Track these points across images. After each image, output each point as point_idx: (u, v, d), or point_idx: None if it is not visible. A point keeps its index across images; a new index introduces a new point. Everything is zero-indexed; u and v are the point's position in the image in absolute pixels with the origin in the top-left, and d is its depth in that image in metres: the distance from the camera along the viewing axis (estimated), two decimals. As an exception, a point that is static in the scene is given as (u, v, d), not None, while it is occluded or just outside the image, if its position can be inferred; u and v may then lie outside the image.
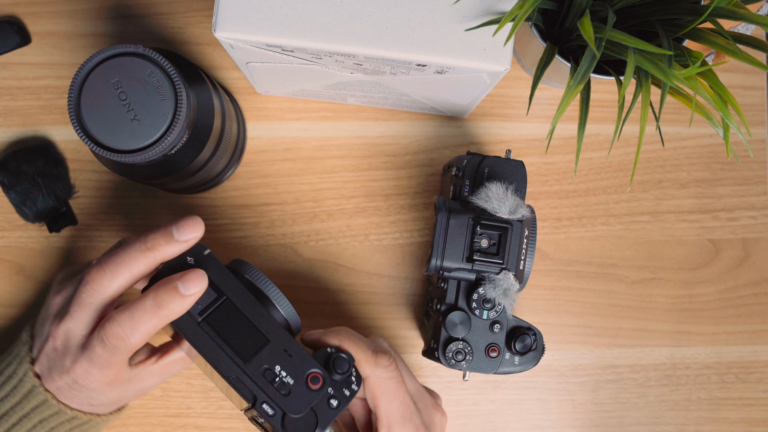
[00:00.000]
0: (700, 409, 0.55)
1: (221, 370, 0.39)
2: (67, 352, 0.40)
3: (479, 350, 0.45)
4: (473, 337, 0.45)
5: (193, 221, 0.39)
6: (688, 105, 0.41)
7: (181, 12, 0.55)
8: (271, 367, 0.39)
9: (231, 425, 0.54)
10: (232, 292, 0.40)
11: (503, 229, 0.44)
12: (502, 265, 0.44)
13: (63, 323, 0.40)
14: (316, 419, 0.39)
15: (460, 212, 0.45)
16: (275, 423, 0.38)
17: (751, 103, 0.57)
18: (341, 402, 0.40)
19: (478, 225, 0.44)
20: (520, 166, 0.47)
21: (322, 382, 0.39)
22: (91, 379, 0.40)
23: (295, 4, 0.38)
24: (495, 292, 0.44)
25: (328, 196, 0.55)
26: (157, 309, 0.38)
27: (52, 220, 0.53)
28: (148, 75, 0.39)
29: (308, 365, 0.39)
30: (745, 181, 0.57)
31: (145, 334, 0.38)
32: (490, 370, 0.45)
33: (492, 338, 0.45)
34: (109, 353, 0.39)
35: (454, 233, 0.44)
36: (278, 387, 0.39)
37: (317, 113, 0.55)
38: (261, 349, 0.39)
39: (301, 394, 0.39)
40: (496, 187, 0.44)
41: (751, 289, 0.56)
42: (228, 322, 0.39)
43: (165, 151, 0.40)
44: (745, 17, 0.37)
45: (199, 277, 0.38)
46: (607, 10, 0.39)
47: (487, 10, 0.39)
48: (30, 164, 0.52)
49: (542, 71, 0.40)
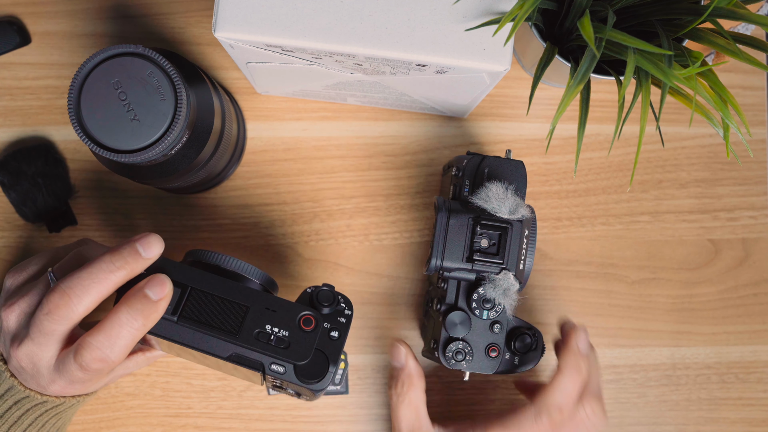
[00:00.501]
0: (700, 409, 0.55)
1: (218, 354, 0.39)
2: (37, 374, 0.39)
3: (479, 350, 0.45)
4: (473, 337, 0.45)
5: (155, 238, 0.39)
6: (688, 105, 0.41)
7: (181, 12, 0.55)
8: (261, 329, 0.39)
9: (231, 425, 0.54)
10: (194, 281, 0.40)
11: (503, 229, 0.44)
12: (502, 265, 0.44)
13: (24, 347, 0.39)
14: (326, 357, 0.39)
15: (460, 212, 0.45)
16: (290, 378, 0.38)
17: (751, 103, 0.57)
18: (341, 331, 0.40)
19: (478, 225, 0.44)
20: (520, 166, 0.47)
21: (315, 321, 0.39)
22: (72, 392, 0.41)
23: (295, 4, 0.38)
24: (495, 292, 0.44)
25: (328, 196, 0.55)
26: (133, 321, 0.37)
27: (52, 220, 0.53)
28: (148, 75, 0.39)
29: (295, 311, 0.39)
30: (745, 181, 0.57)
31: (126, 348, 0.38)
32: (490, 369, 0.45)
33: (492, 338, 0.45)
34: (92, 375, 0.38)
35: (454, 233, 0.44)
36: (276, 344, 0.39)
37: (317, 113, 0.55)
38: (245, 317, 0.39)
39: (300, 341, 0.39)
40: (496, 187, 0.44)
41: (751, 289, 0.56)
42: (203, 309, 0.39)
43: (165, 151, 0.40)
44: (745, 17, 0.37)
45: (162, 280, 0.38)
46: (607, 10, 0.39)
47: (487, 10, 0.39)
48: (30, 164, 0.52)
49: (542, 71, 0.40)
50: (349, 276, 0.55)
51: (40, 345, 0.38)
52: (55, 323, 0.37)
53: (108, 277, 0.37)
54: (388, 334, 0.55)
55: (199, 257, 0.42)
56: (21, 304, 0.40)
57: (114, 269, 0.38)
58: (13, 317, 0.40)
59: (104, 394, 0.53)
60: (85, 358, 0.37)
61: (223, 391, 0.54)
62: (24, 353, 0.39)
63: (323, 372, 0.39)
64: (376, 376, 0.54)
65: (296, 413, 0.54)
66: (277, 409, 0.54)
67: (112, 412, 0.53)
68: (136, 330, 0.37)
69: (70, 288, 0.37)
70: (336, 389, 0.54)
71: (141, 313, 0.37)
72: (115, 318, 0.37)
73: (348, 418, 0.54)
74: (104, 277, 0.37)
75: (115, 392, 0.53)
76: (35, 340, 0.38)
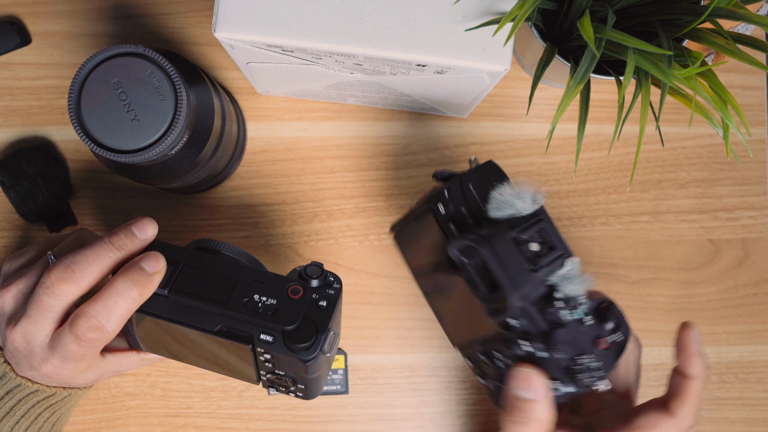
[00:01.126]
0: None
1: (207, 328, 0.39)
2: (31, 353, 0.40)
3: (593, 350, 0.38)
4: (580, 345, 0.38)
5: (149, 220, 0.41)
6: (688, 105, 0.41)
7: (181, 12, 0.55)
8: (250, 298, 0.39)
9: (231, 425, 0.54)
10: (184, 259, 0.41)
11: (539, 221, 0.39)
12: (562, 254, 0.39)
13: (20, 325, 0.39)
14: (314, 324, 0.39)
15: (492, 237, 0.38)
16: (279, 347, 0.38)
17: (751, 103, 0.57)
18: (330, 301, 0.40)
19: (523, 233, 0.38)
20: (491, 165, 0.42)
21: (303, 290, 0.39)
22: (63, 374, 0.40)
23: (295, 4, 0.38)
24: (576, 286, 0.38)
25: (328, 196, 0.55)
26: (130, 291, 0.38)
27: (52, 220, 0.53)
28: (148, 75, 0.39)
29: (283, 282, 0.40)
30: (745, 181, 0.57)
31: (121, 319, 0.38)
32: (612, 365, 0.39)
33: (592, 332, 0.39)
34: (86, 348, 0.38)
35: (507, 260, 0.37)
36: (263, 311, 0.39)
37: (317, 113, 0.55)
38: (234, 289, 0.39)
39: (288, 307, 0.39)
40: (504, 190, 0.39)
41: (751, 289, 0.56)
42: (193, 282, 0.40)
43: (165, 151, 0.40)
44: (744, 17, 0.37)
45: (157, 255, 0.39)
46: (607, 10, 0.39)
47: (487, 10, 0.39)
48: (30, 164, 0.52)
49: (542, 71, 0.40)
50: (349, 276, 0.55)
51: (36, 322, 0.39)
52: (54, 298, 0.38)
53: (108, 255, 0.39)
54: (388, 334, 0.55)
55: (193, 245, 0.43)
56: (19, 284, 0.40)
57: (113, 249, 0.39)
58: (9, 297, 0.40)
59: (104, 394, 0.53)
60: (81, 326, 0.37)
61: (223, 391, 0.54)
62: (19, 332, 0.39)
63: (311, 337, 0.38)
64: (376, 376, 0.54)
65: (296, 413, 0.54)
66: (277, 409, 0.54)
67: (112, 412, 0.53)
68: (132, 300, 0.38)
69: (73, 263, 0.38)
70: (336, 389, 0.54)
71: (137, 284, 0.38)
72: (113, 288, 0.38)
73: (348, 418, 0.54)
74: (105, 255, 0.39)
75: (115, 392, 0.53)
76: (32, 318, 0.39)
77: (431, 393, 0.55)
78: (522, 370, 0.38)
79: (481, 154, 0.55)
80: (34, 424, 0.44)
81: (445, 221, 0.41)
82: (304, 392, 0.44)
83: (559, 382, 0.38)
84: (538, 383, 0.37)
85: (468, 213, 0.40)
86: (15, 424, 0.43)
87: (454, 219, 0.40)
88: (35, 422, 0.44)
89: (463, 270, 0.39)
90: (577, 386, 0.38)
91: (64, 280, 0.38)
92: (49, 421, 0.45)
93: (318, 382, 0.43)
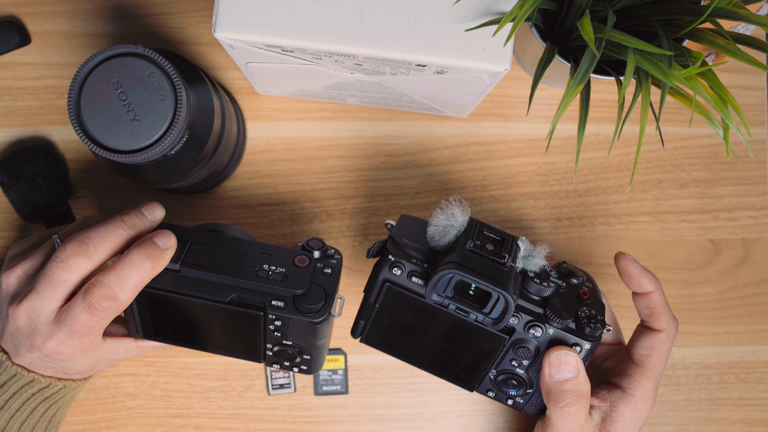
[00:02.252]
0: (700, 409, 0.55)
1: (219, 298, 0.41)
2: (34, 331, 0.40)
3: (583, 303, 0.41)
4: (572, 304, 0.41)
5: (157, 204, 0.43)
6: (688, 105, 0.41)
7: (181, 12, 0.55)
8: (259, 268, 0.41)
9: (231, 425, 0.54)
10: (193, 237, 0.43)
11: (477, 224, 0.41)
12: (512, 238, 0.41)
13: (25, 302, 0.40)
14: (323, 288, 0.41)
15: (456, 259, 0.39)
16: (291, 311, 0.40)
17: (751, 103, 0.57)
18: (333, 269, 0.43)
19: (475, 241, 0.40)
20: (406, 217, 0.44)
21: (309, 259, 0.42)
22: (66, 351, 0.40)
23: (295, 4, 0.38)
24: (538, 259, 0.41)
25: (328, 196, 0.55)
26: (143, 263, 0.39)
27: (52, 220, 0.53)
28: (148, 75, 0.39)
29: (290, 254, 0.42)
30: (745, 181, 0.57)
31: (134, 290, 0.39)
32: (602, 307, 0.42)
33: (571, 290, 0.42)
34: (97, 318, 0.39)
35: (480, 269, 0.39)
36: (273, 278, 0.41)
37: (317, 113, 0.55)
38: (243, 261, 0.42)
39: (296, 275, 0.41)
40: (437, 219, 0.41)
41: (751, 289, 0.56)
42: (204, 257, 0.42)
43: (165, 151, 0.40)
44: (745, 17, 0.37)
45: (168, 232, 0.41)
46: (607, 10, 0.39)
47: (487, 11, 0.39)
48: (30, 164, 0.52)
49: (542, 71, 0.40)
50: (349, 276, 0.55)
51: (45, 297, 0.39)
52: (68, 271, 0.39)
53: (120, 232, 0.41)
54: (388, 334, 0.55)
55: (199, 227, 0.47)
56: (23, 265, 0.42)
57: (125, 226, 0.41)
58: (13, 278, 0.41)
59: (104, 395, 0.53)
60: (95, 294, 0.39)
61: (223, 391, 0.54)
62: (24, 310, 0.40)
63: (320, 300, 0.41)
64: (376, 376, 0.54)
65: (296, 413, 0.54)
66: (277, 409, 0.54)
67: (112, 413, 0.53)
68: (144, 272, 0.39)
69: (87, 238, 0.40)
70: (336, 389, 0.54)
71: (150, 257, 0.40)
72: (127, 259, 0.39)
73: (348, 418, 0.54)
74: (117, 232, 0.40)
75: (115, 392, 0.53)
76: (40, 293, 0.39)
77: (431, 393, 0.55)
78: (551, 357, 0.41)
79: (481, 153, 0.55)
80: (30, 418, 0.44)
81: (406, 281, 0.41)
82: (309, 364, 0.45)
83: (578, 346, 0.41)
84: (568, 359, 0.40)
85: (419, 260, 0.41)
86: (10, 419, 0.43)
87: (411, 274, 0.41)
88: (31, 417, 0.44)
89: (449, 308, 0.40)
90: (592, 339, 0.41)
91: (78, 253, 0.39)
92: (44, 416, 0.45)
93: (323, 350, 0.45)
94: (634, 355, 0.45)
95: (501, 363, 0.43)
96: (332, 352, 0.54)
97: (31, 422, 0.44)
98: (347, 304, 0.54)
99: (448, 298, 0.40)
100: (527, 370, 0.43)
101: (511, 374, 0.43)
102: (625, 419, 0.43)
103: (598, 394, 0.44)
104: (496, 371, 0.43)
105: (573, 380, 0.40)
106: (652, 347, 0.44)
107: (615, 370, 0.46)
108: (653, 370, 0.44)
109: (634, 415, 0.43)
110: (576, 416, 0.41)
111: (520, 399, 0.45)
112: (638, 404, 0.43)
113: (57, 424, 0.47)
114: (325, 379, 0.54)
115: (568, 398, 0.41)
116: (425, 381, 0.55)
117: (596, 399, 0.44)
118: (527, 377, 0.43)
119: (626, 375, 0.44)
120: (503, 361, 0.43)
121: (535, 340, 0.41)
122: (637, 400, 0.43)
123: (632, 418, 0.43)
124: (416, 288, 0.41)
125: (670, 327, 0.44)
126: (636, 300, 0.45)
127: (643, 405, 0.43)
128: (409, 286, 0.41)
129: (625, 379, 0.44)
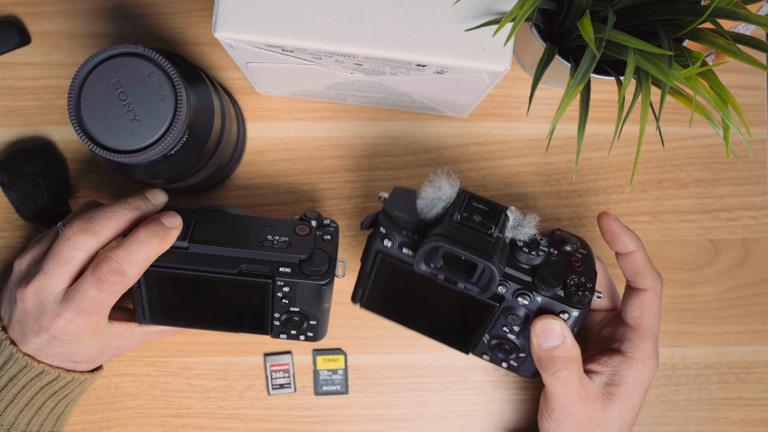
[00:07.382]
0: (700, 409, 0.55)
1: (228, 270, 0.42)
2: (42, 312, 0.41)
3: (573, 271, 0.42)
4: (562, 272, 0.42)
5: (160, 190, 0.45)
6: (688, 105, 0.41)
7: (181, 12, 0.55)
8: (264, 239, 0.44)
9: (231, 425, 0.54)
10: (197, 217, 0.45)
11: (466, 196, 0.42)
12: (500, 209, 0.42)
13: (33, 283, 0.41)
14: (326, 252, 0.44)
15: (442, 230, 0.40)
16: (298, 275, 0.43)
17: (751, 103, 0.57)
18: (332, 235, 0.45)
19: (462, 213, 0.41)
20: (399, 189, 0.45)
21: (309, 228, 0.45)
22: (73, 330, 0.41)
23: (295, 4, 0.38)
24: (527, 228, 0.42)
25: (328, 196, 0.55)
26: (151, 240, 0.40)
27: (52, 220, 0.53)
28: (148, 75, 0.39)
29: (290, 224, 0.45)
30: (745, 181, 0.57)
31: (141, 266, 0.40)
32: (593, 275, 0.42)
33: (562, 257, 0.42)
34: (106, 294, 0.40)
35: (466, 240, 0.40)
36: (278, 246, 0.43)
37: (317, 113, 0.55)
38: (248, 233, 0.44)
39: (300, 242, 0.44)
40: (425, 192, 0.42)
41: (751, 289, 0.56)
42: (209, 233, 0.43)
43: (165, 151, 0.40)
44: (745, 17, 0.37)
45: (174, 213, 0.43)
46: (607, 10, 0.39)
47: (487, 10, 0.39)
48: (30, 164, 0.52)
49: (542, 71, 0.40)
50: (349, 276, 0.55)
51: (53, 276, 0.40)
52: (74, 249, 0.40)
53: (125, 213, 0.42)
54: (388, 334, 0.54)
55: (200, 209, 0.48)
56: (32, 252, 0.43)
57: (130, 208, 0.42)
58: (24, 263, 0.43)
59: (104, 394, 0.53)
60: (104, 269, 0.39)
61: (223, 391, 0.54)
62: (32, 290, 0.41)
63: (325, 263, 0.43)
64: (376, 376, 0.54)
65: (296, 413, 0.54)
66: (277, 409, 0.54)
67: (112, 412, 0.53)
68: (152, 249, 0.41)
69: (92, 217, 0.41)
70: (336, 389, 0.54)
71: (157, 235, 0.41)
72: (135, 237, 0.40)
73: (348, 418, 0.54)
74: (122, 213, 0.42)
75: (115, 392, 0.53)
76: (48, 272, 0.40)
77: (431, 393, 0.55)
78: (536, 325, 0.42)
79: (481, 154, 0.55)
80: (39, 413, 0.44)
81: (397, 252, 0.43)
82: (315, 330, 0.47)
83: (565, 313, 0.42)
84: (554, 327, 0.42)
85: (410, 232, 0.42)
86: (19, 413, 0.43)
87: (402, 245, 0.43)
88: (40, 412, 0.44)
89: (438, 278, 0.42)
90: (580, 306, 0.41)
91: (84, 231, 0.40)
92: (53, 412, 0.45)
93: (327, 315, 0.47)
94: (628, 318, 0.45)
95: (493, 329, 0.44)
96: (332, 352, 0.54)
97: (39, 418, 0.44)
98: (347, 304, 0.54)
99: (437, 268, 0.41)
100: (518, 336, 0.44)
101: (503, 339, 0.45)
102: (629, 382, 0.44)
103: (600, 360, 0.45)
104: (489, 336, 0.45)
105: (560, 347, 0.42)
106: (643, 307, 0.45)
107: (614, 335, 0.46)
108: (648, 329, 0.45)
109: (638, 377, 0.44)
110: (569, 380, 0.42)
111: (513, 362, 0.46)
112: (640, 366, 0.44)
113: (63, 423, 0.47)
114: (325, 379, 0.54)
115: (558, 364, 0.42)
116: (425, 381, 0.55)
117: (598, 365, 0.45)
118: (519, 342, 0.45)
119: (624, 339, 0.45)
120: (495, 326, 0.44)
121: (524, 308, 0.42)
122: (638, 362, 0.44)
123: (636, 380, 0.44)
124: (407, 258, 0.43)
125: (655, 284, 0.45)
126: (620, 261, 0.46)
127: (645, 366, 0.44)
128: (400, 256, 0.43)
129: (624, 343, 0.45)
